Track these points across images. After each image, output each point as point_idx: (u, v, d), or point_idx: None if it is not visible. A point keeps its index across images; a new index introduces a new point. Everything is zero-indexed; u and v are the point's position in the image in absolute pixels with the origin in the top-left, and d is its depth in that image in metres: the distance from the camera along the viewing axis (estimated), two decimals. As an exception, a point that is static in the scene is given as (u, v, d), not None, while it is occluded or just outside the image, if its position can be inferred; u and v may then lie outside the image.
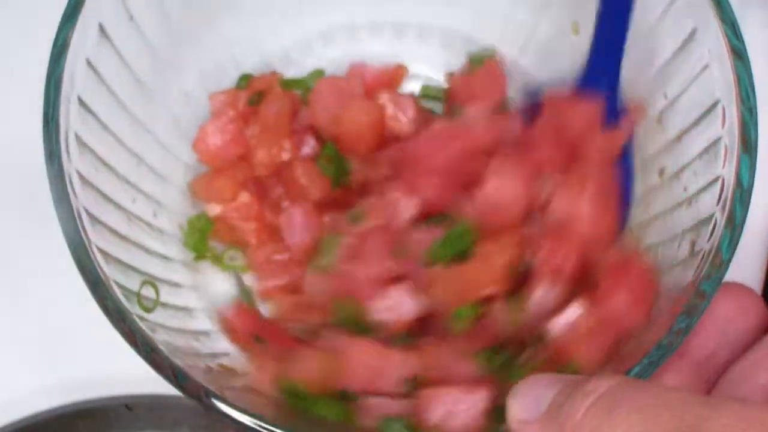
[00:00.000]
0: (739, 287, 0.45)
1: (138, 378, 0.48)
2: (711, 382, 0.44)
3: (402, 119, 0.52)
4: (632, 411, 0.33)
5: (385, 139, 0.51)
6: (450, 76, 0.55)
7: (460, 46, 0.55)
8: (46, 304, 0.52)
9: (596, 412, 0.34)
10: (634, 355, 0.42)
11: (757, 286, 0.53)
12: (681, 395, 0.33)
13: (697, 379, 0.44)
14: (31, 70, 0.45)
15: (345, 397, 0.45)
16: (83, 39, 0.44)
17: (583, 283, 0.45)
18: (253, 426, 0.40)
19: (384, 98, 0.52)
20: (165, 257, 0.49)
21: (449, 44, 0.56)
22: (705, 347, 0.44)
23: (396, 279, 0.46)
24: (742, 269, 0.52)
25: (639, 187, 0.49)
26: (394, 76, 0.54)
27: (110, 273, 0.43)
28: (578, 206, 0.46)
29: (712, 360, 0.44)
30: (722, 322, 0.44)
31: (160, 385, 0.44)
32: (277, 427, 0.40)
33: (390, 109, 0.52)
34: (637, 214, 0.49)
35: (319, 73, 0.54)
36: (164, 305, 0.47)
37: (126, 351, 0.42)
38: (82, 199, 0.43)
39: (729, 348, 0.44)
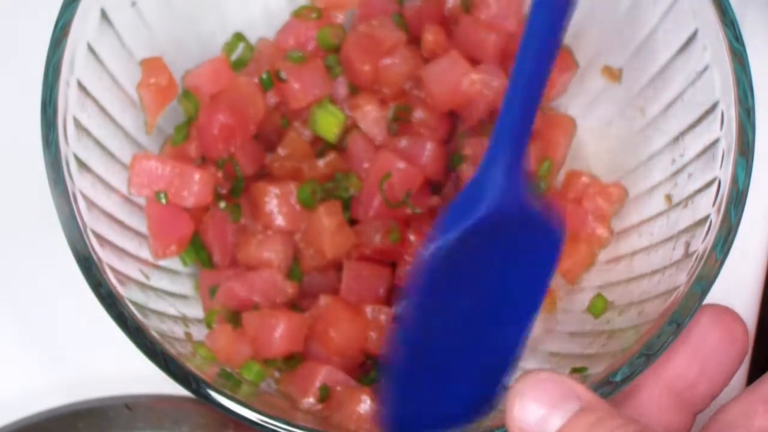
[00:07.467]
0: (725, 313, 0.44)
1: (138, 378, 0.48)
2: (693, 411, 0.44)
3: None
4: None
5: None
6: None
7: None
8: (47, 305, 0.52)
9: None
10: (624, 354, 0.42)
11: (757, 286, 0.53)
12: None
13: (682, 410, 0.44)
14: (31, 54, 0.45)
15: None
16: (84, 23, 0.44)
17: None
18: (240, 413, 0.41)
19: None
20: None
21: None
22: (686, 377, 0.44)
23: None
24: (742, 269, 0.52)
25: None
26: None
27: (104, 257, 0.43)
28: None
29: (693, 389, 0.44)
30: (707, 353, 0.44)
31: (160, 385, 0.44)
32: (264, 416, 0.41)
33: None
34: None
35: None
36: (159, 291, 0.47)
37: (126, 351, 0.42)
38: (78, 182, 0.43)
39: (709, 376, 0.44)
